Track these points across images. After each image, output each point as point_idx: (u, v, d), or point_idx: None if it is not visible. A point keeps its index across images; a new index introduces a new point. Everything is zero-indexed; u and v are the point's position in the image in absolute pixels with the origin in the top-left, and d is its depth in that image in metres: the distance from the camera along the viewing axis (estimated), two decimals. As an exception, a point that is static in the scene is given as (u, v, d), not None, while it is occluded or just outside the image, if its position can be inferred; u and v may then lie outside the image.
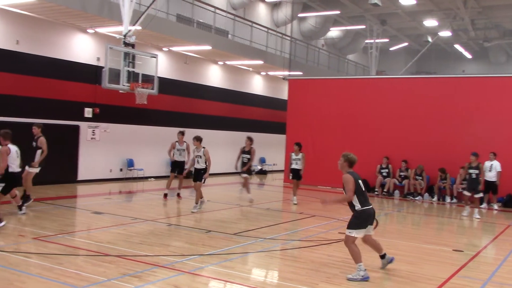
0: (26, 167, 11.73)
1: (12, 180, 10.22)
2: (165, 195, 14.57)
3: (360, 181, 7.32)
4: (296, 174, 15.22)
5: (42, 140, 11.78)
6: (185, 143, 14.56)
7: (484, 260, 9.18)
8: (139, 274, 6.94)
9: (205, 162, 12.74)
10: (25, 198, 11.64)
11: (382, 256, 7.74)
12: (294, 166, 15.22)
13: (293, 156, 15.25)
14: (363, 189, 7.35)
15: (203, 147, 12.75)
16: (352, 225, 7.31)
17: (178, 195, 14.83)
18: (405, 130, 18.81)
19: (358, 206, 7.26)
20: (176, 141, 14.55)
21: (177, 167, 14.61)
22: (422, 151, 18.34)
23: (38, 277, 6.58)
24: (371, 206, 7.36)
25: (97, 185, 17.50)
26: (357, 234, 7.28)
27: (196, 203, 12.81)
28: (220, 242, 9.23)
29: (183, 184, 15.07)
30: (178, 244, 8.90)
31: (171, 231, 10.15)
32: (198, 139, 12.78)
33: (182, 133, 14.61)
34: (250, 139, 14.87)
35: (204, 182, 12.85)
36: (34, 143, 11.87)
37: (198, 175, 12.77)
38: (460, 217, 14.21)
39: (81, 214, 12.07)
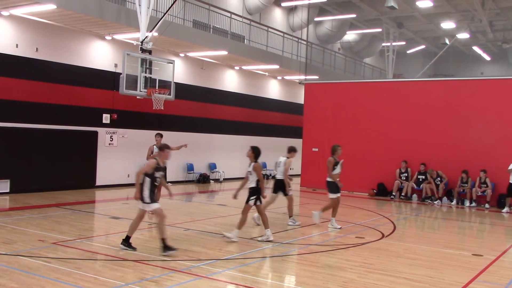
0: None
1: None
2: None
3: None
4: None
5: None
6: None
7: (504, 264, 9.04)
8: (156, 278, 6.97)
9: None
10: None
11: None
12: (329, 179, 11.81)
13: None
14: None
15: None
16: None
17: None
18: (422, 133, 18.61)
19: None
20: (154, 145, 13.06)
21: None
22: (440, 154, 18.14)
23: (57, 282, 6.64)
24: None
25: (115, 190, 17.64)
26: None
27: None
28: (237, 247, 9.24)
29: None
30: (195, 249, 8.92)
31: (188, 236, 10.18)
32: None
33: (161, 135, 13.13)
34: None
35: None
36: None
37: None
38: (479, 221, 14.00)
39: (99, 219, 12.18)
